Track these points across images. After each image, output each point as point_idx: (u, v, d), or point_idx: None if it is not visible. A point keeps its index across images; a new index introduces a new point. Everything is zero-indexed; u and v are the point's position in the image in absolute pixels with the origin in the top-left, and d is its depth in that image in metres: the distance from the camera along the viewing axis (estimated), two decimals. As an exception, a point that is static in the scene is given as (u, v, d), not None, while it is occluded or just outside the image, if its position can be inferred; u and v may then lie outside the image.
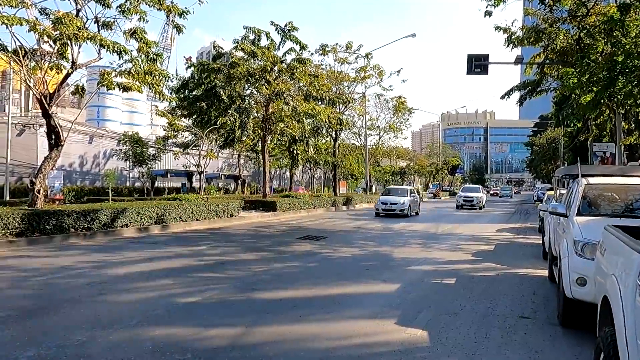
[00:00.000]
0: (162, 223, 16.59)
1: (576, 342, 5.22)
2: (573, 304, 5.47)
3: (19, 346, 4.67)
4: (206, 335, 5.21)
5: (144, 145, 35.09)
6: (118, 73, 15.46)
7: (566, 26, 18.73)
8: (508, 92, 22.21)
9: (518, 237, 16.47)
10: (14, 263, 9.58)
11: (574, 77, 12.93)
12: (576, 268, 5.46)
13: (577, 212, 6.54)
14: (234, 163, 47.06)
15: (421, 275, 8.97)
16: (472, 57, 18.84)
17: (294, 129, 28.36)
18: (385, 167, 64.32)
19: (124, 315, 5.82)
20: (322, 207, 30.16)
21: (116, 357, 4.45)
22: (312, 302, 6.83)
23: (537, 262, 10.71)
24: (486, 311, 6.37)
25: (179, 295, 6.97)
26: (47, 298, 6.76)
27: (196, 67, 26.79)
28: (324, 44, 34.59)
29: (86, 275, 8.36)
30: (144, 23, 15.30)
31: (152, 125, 79.30)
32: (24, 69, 14.13)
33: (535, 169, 77.02)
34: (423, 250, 12.67)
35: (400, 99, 43.68)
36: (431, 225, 20.21)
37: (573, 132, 33.95)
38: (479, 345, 4.99)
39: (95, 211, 14.33)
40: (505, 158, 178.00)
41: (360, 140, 46.41)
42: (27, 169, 31.79)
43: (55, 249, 11.67)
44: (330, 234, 16.16)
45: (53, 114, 14.64)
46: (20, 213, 12.39)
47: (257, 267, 9.53)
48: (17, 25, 13.25)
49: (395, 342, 5.03)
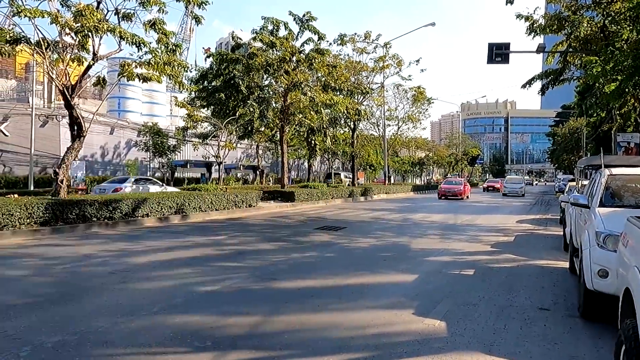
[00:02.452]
0: (181, 213, 16.79)
1: (597, 334, 5.16)
2: (594, 296, 5.40)
3: (44, 332, 4.79)
4: (225, 323, 5.27)
5: (163, 136, 35.47)
6: (138, 64, 15.61)
7: (590, 13, 18.28)
8: (529, 81, 21.82)
9: (539, 228, 16.26)
10: (39, 251, 9.81)
11: (597, 65, 12.64)
12: (598, 260, 5.37)
13: (600, 203, 6.43)
14: (252, 154, 47.28)
15: (439, 266, 8.93)
16: (493, 45, 18.54)
17: (312, 120, 28.34)
18: (403, 157, 63.95)
19: (145, 303, 5.92)
20: (340, 198, 30.16)
21: (137, 344, 4.54)
22: (330, 291, 6.86)
23: (558, 253, 10.57)
24: (505, 302, 6.33)
25: (198, 284, 7.06)
26: (70, 286, 6.91)
27: (215, 58, 26.90)
28: (343, 34, 34.36)
29: (108, 264, 8.52)
30: (164, 14, 15.40)
31: (172, 116, 79.98)
32: (46, 60, 14.35)
33: (557, 159, 75.70)
34: (441, 241, 12.60)
35: (419, 89, 43.28)
36: (450, 216, 20.07)
37: (596, 122, 33.24)
38: (497, 337, 4.96)
39: (117, 201, 14.56)
40: (526, 148, 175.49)
41: (378, 131, 46.20)
42: (51, 160, 32.41)
43: (78, 238, 11.91)
44: (348, 224, 16.17)
45: (75, 105, 14.86)
46: (45, 202, 12.65)
47: (275, 257, 9.60)
48: (40, 17, 13.46)
49: (413, 333, 5.04)
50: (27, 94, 41.41)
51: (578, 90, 33.20)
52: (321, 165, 56.06)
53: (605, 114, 25.85)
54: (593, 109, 19.65)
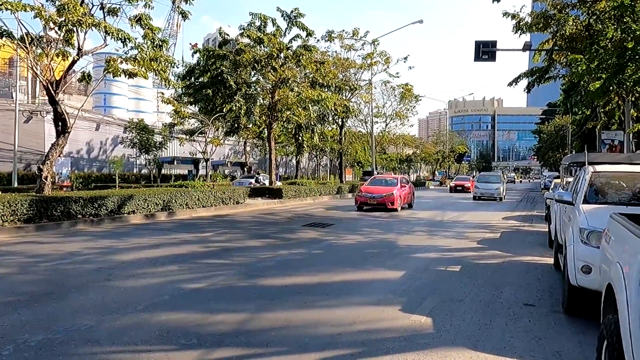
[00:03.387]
0: (168, 210, 16.68)
1: (580, 329, 5.22)
2: (578, 291, 5.47)
3: (28, 330, 4.73)
4: (212, 320, 5.26)
5: (150, 132, 35.18)
6: (124, 60, 15.46)
7: (575, 12, 18.47)
8: (516, 79, 22.02)
9: (524, 225, 16.43)
10: (23, 249, 9.69)
11: (582, 63, 12.78)
12: (581, 256, 5.44)
13: (584, 200, 6.50)
14: (240, 150, 47.13)
15: (426, 263, 8.98)
16: (480, 43, 18.66)
17: (300, 116, 28.32)
18: (391, 154, 64.20)
19: (131, 301, 5.88)
20: (328, 195, 30.19)
21: (123, 342, 4.51)
22: (318, 288, 6.86)
23: (543, 250, 10.69)
24: (491, 298, 6.38)
25: (185, 281, 7.03)
26: (55, 283, 6.84)
27: (202, 54, 26.74)
28: (330, 31, 34.36)
29: (93, 261, 8.44)
30: (150, 9, 15.28)
31: (159, 113, 79.45)
32: (30, 55, 14.16)
33: (543, 156, 76.57)
34: (428, 237, 12.67)
35: (407, 86, 43.50)
36: (437, 213, 20.19)
37: (581, 119, 33.67)
38: (482, 332, 5.00)
39: (103, 198, 14.42)
40: (512, 146, 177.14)
41: (366, 128, 46.33)
42: (35, 156, 32.01)
43: (63, 235, 11.78)
44: (336, 221, 16.19)
45: (60, 100, 14.68)
46: (29, 199, 12.49)
47: (262, 253, 9.58)
48: (23, 11, 13.26)
49: (399, 329, 5.06)
50: (10, 89, 40.81)
51: (563, 89, 33.54)
52: (309, 162, 56.03)
53: (590, 112, 26.20)
54: (578, 107, 19.93)
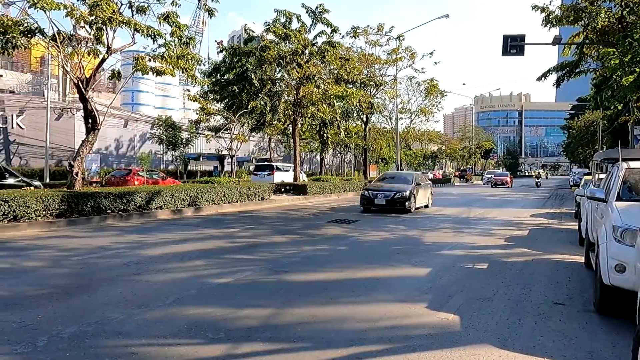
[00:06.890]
0: (195, 205, 16.88)
1: (613, 329, 5.09)
2: (610, 290, 5.33)
3: (61, 322, 4.85)
4: (239, 315, 5.30)
5: (177, 129, 35.67)
6: (152, 57, 15.68)
7: (608, 4, 17.97)
8: (545, 73, 21.57)
9: (553, 222, 16.11)
10: (55, 243, 9.94)
11: (615, 57, 12.45)
12: (615, 254, 5.30)
13: (617, 197, 6.34)
14: (264, 146, 47.39)
15: (452, 260, 8.88)
16: (508, 37, 18.33)
17: (325, 112, 28.30)
18: (416, 150, 63.70)
19: (159, 295, 5.97)
20: (353, 191, 30.12)
21: (152, 335, 4.58)
22: (343, 284, 6.85)
23: (573, 247, 10.46)
24: (519, 297, 6.27)
25: (212, 276, 7.10)
26: (86, 277, 6.99)
27: (227, 51, 26.97)
28: (355, 26, 34.22)
29: (123, 256, 8.60)
30: (177, 7, 15.45)
31: (185, 109, 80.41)
32: (61, 54, 14.47)
33: (572, 153, 74.88)
34: (454, 234, 12.53)
35: (432, 82, 43.03)
36: (462, 210, 19.95)
37: (613, 114, 32.81)
38: (511, 331, 4.92)
39: (131, 193, 14.68)
40: (540, 142, 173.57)
41: (391, 124, 46.02)
42: (66, 152, 32.81)
43: (93, 230, 12.04)
44: (360, 217, 16.15)
45: (90, 98, 14.98)
46: (60, 195, 12.79)
47: (288, 249, 9.62)
48: (55, 9, 13.55)
49: (426, 326, 5.02)
50: (42, 87, 41.84)
51: (594, 83, 32.67)
52: (333, 158, 56.01)
53: (622, 107, 25.47)
54: (610, 102, 19.38)
